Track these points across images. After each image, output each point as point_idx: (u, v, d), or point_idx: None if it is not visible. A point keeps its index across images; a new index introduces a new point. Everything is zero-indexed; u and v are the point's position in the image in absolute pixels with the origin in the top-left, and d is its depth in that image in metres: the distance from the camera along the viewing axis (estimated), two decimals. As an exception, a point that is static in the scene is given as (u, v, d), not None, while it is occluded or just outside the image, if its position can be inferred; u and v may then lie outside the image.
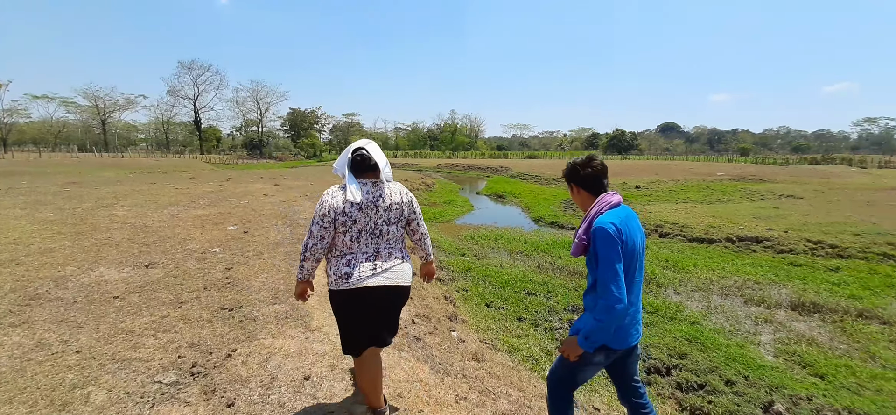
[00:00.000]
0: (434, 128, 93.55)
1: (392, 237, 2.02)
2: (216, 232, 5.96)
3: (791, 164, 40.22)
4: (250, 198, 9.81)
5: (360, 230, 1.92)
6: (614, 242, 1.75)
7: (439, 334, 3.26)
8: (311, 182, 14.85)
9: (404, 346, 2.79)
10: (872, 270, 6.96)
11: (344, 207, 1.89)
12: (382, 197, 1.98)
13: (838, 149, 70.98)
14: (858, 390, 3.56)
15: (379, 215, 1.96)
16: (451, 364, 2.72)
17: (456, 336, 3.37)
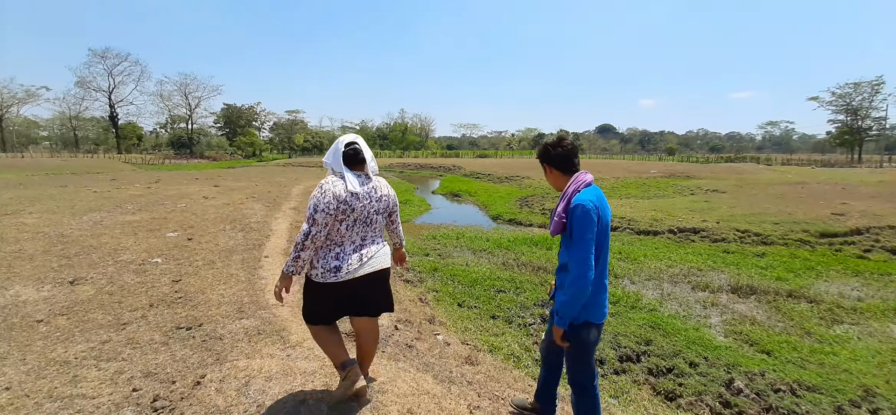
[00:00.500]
0: (384, 127, 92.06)
1: (378, 227, 2.18)
2: (153, 240, 5.29)
3: (710, 162, 44.70)
4: (188, 201, 8.90)
5: (355, 219, 2.03)
6: (592, 219, 1.84)
7: (426, 339, 3.11)
8: (256, 183, 13.84)
9: (399, 355, 2.60)
10: (792, 254, 7.85)
11: (345, 195, 1.99)
12: (375, 189, 2.13)
13: (747, 148, 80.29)
14: (803, 363, 3.94)
15: (372, 205, 2.10)
16: (450, 371, 2.59)
17: (441, 340, 3.24)
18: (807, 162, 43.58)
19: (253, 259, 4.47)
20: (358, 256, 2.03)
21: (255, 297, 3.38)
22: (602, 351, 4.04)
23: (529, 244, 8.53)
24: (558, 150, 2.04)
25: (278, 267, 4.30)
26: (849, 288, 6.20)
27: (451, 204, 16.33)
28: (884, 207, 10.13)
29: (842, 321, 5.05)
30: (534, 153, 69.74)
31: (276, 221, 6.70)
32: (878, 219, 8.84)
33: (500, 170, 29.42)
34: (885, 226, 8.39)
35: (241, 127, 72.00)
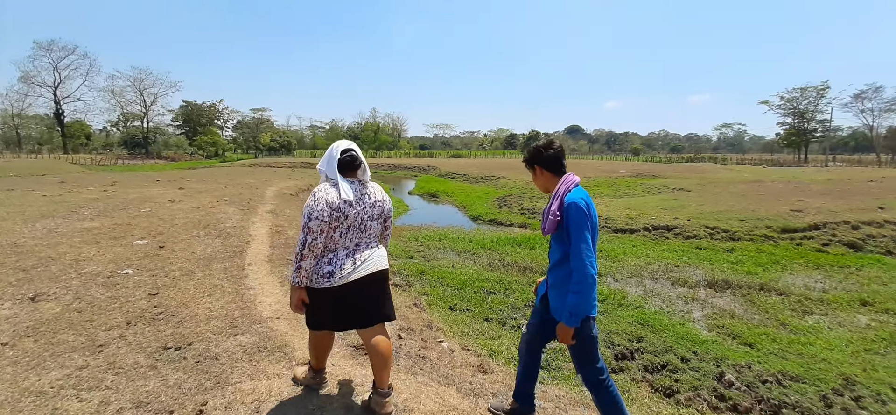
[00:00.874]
0: (355, 126, 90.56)
1: (373, 232, 2.18)
2: (119, 249, 4.88)
3: (673, 162, 46.88)
4: (152, 205, 8.33)
5: (349, 226, 2.05)
6: (586, 216, 1.93)
7: (432, 348, 3.02)
8: (224, 185, 13.18)
9: (415, 368, 2.49)
10: (758, 249, 8.29)
11: (338, 203, 2.00)
12: (368, 194, 2.16)
13: (704, 149, 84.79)
14: (783, 355, 4.13)
15: (365, 211, 2.11)
16: (470, 382, 2.50)
17: (447, 347, 3.14)
18: (758, 161, 46.57)
19: (236, 268, 4.20)
20: (351, 261, 2.05)
21: (247, 309, 3.16)
22: (605, 356, 4.08)
23: (513, 245, 8.57)
24: (550, 151, 2.10)
25: (264, 275, 4.08)
26: (813, 280, 6.60)
27: (430, 205, 16.23)
28: (836, 203, 10.91)
29: (812, 312, 5.35)
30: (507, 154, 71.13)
31: (253, 225, 6.37)
32: (834, 215, 9.49)
33: (475, 170, 29.58)
34: (840, 221, 9.02)
35: (202, 125, 68.73)
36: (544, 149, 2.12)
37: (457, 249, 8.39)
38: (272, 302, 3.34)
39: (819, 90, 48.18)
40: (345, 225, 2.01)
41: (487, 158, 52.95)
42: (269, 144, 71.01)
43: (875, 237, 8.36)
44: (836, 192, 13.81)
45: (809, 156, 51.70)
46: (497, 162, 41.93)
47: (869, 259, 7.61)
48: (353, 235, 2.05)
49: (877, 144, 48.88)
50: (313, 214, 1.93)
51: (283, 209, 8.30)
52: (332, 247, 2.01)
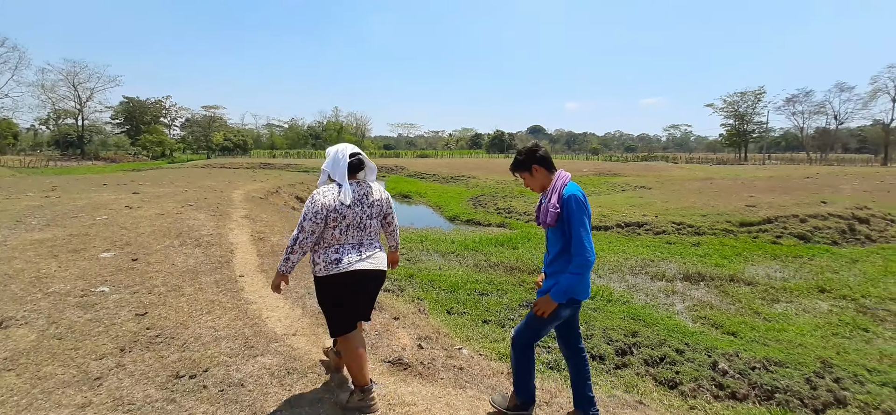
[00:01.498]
0: (316, 125, 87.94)
1: (373, 230, 2.33)
2: (84, 263, 4.40)
3: (629, 161, 49.30)
4: (108, 212, 7.62)
5: (348, 224, 2.19)
6: (584, 206, 2.11)
7: (456, 356, 2.94)
8: (184, 188, 12.31)
9: (463, 381, 2.39)
10: (722, 242, 8.86)
11: (335, 204, 2.14)
12: (367, 195, 2.29)
13: (655, 148, 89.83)
14: (764, 341, 4.42)
15: (364, 211, 2.25)
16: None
17: (467, 354, 3.09)
18: (704, 160, 50.01)
19: (227, 280, 3.90)
20: (357, 252, 2.21)
21: (257, 327, 2.93)
22: (599, 347, 4.18)
23: (495, 245, 8.63)
24: (541, 151, 2.26)
25: (262, 287, 3.83)
26: (773, 271, 7.14)
27: (404, 206, 16.04)
28: (783, 198, 11.90)
29: (779, 300, 5.79)
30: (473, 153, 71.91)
31: (232, 233, 5.98)
32: (783, 209, 10.34)
33: (444, 170, 29.60)
34: (789, 215, 9.84)
35: (145, 124, 64.05)
36: (537, 149, 2.26)
37: (440, 250, 8.33)
38: (281, 317, 3.13)
39: (756, 95, 52.71)
40: (344, 224, 2.16)
41: (455, 158, 53.18)
42: (223, 144, 67.38)
43: (821, 229, 9.19)
44: (780, 188, 15.07)
45: (748, 155, 56.32)
46: (465, 162, 42.20)
47: (818, 249, 8.36)
48: (354, 232, 2.21)
49: (806, 143, 54.03)
50: (307, 215, 2.11)
51: (259, 214, 7.87)
52: (334, 243, 2.17)
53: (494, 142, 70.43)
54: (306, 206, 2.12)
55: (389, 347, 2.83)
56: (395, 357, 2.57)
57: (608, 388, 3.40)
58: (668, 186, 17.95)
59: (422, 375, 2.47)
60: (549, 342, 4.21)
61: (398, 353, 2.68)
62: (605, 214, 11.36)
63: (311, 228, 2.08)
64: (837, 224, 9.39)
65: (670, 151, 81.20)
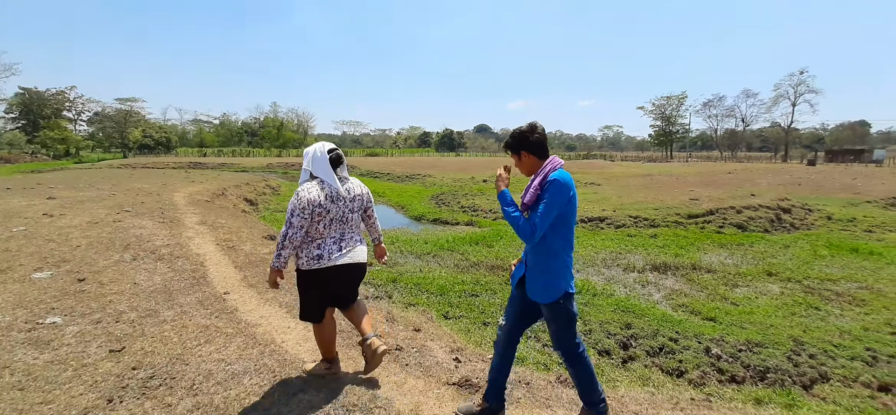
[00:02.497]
0: (251, 121, 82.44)
1: (354, 224, 2.46)
2: (15, 286, 3.58)
3: (572, 159, 51.95)
4: (23, 221, 6.38)
5: (332, 219, 2.31)
6: (564, 193, 2.01)
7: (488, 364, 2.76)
8: (111, 191, 10.75)
9: (537, 399, 2.18)
10: (675, 234, 9.53)
11: (320, 199, 2.25)
12: (349, 190, 2.43)
13: (591, 147, 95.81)
14: (740, 324, 4.75)
15: (346, 205, 2.38)
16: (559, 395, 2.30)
17: None
18: (636, 158, 54.20)
19: (212, 299, 3.35)
20: (338, 247, 2.33)
21: (279, 354, 2.49)
22: (602, 342, 4.22)
23: (470, 243, 8.56)
24: (535, 135, 2.13)
25: (258, 305, 3.35)
26: (724, 258, 7.79)
27: (363, 206, 15.44)
28: (718, 192, 13.13)
29: (738, 285, 6.30)
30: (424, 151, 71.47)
31: (193, 242, 5.25)
32: (721, 202, 11.40)
33: (398, 168, 29.10)
34: (727, 207, 10.85)
35: (45, 118, 55.91)
36: (530, 133, 2.13)
37: (414, 252, 8.08)
38: (298, 339, 2.72)
39: (679, 99, 58.43)
40: (328, 218, 2.28)
41: (406, 157, 52.58)
42: (142, 141, 60.80)
43: (755, 219, 10.25)
44: (711, 182, 16.66)
45: (674, 153, 62.12)
46: (417, 160, 41.84)
47: (755, 237, 9.29)
48: (337, 226, 2.33)
49: (719, 142, 60.78)
50: (295, 211, 2.20)
51: (215, 219, 7.05)
52: (317, 237, 2.28)
53: (444, 140, 70.73)
54: (292, 203, 2.21)
55: (438, 365, 2.58)
56: (460, 379, 2.33)
57: (627, 383, 3.42)
58: (615, 182, 19.11)
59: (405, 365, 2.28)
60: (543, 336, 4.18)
61: (452, 371, 2.45)
62: (567, 210, 11.78)
63: (300, 223, 2.18)
64: (767, 214, 10.52)
65: (605, 150, 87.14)
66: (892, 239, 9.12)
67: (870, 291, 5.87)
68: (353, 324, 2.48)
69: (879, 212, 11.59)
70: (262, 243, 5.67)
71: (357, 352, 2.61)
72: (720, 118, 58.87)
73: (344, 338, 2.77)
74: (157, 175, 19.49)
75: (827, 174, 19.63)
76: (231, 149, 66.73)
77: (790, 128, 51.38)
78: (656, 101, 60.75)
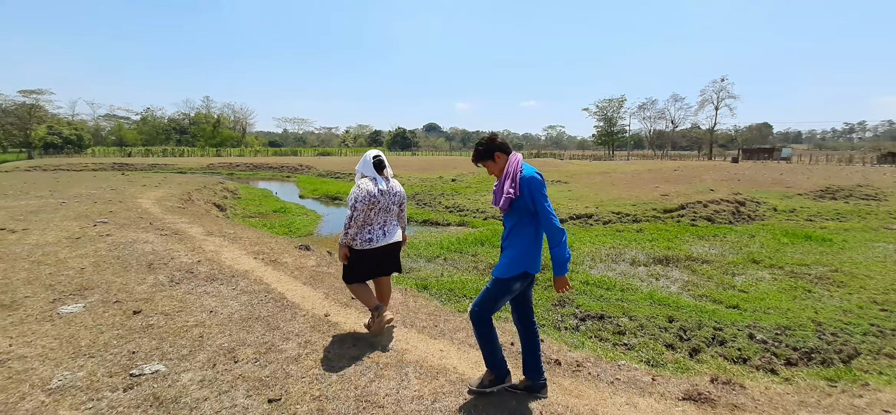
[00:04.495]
0: (180, 117, 75.48)
1: (394, 214, 3.19)
2: (48, 327, 2.83)
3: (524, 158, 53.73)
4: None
5: (380, 208, 3.02)
6: (543, 185, 2.32)
7: (623, 369, 2.74)
8: (53, 196, 9.19)
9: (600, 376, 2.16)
10: (657, 228, 10.22)
11: (375, 191, 2.97)
12: (392, 187, 3.16)
13: (536, 146, 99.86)
14: (764, 310, 5.20)
15: (390, 199, 3.11)
16: (642, 381, 2.32)
17: (574, 358, 2.96)
18: (582, 156, 57.41)
19: (323, 322, 2.97)
20: (382, 231, 3.06)
21: (464, 381, 2.28)
22: (660, 335, 4.39)
23: (476, 244, 8.53)
24: (500, 139, 2.43)
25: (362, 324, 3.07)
26: (708, 248, 8.49)
27: (341, 209, 14.74)
28: (680, 187, 14.30)
29: (735, 274, 6.87)
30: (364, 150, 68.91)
31: (224, 257, 4.60)
32: (688, 197, 12.43)
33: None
34: (694, 202, 11.85)
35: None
36: (494, 139, 2.42)
37: (422, 255, 7.90)
38: (473, 360, 2.50)
39: (619, 102, 63.07)
40: (377, 207, 2.98)
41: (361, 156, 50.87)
42: (48, 139, 53.25)
43: (720, 212, 11.30)
44: (665, 179, 18.09)
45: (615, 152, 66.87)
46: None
47: (724, 229, 10.22)
48: (382, 215, 3.04)
49: (650, 142, 66.41)
50: (359, 199, 2.89)
51: (220, 228, 6.30)
52: (368, 223, 2.98)
53: (396, 139, 69.69)
54: (354, 193, 2.92)
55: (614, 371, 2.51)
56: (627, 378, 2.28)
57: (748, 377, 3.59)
58: (580, 180, 20.06)
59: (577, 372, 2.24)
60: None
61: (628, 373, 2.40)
62: (554, 206, 12.16)
63: (362, 207, 2.87)
64: (728, 207, 11.66)
65: (549, 148, 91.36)
66: (832, 227, 10.54)
67: (842, 274, 6.69)
68: (379, 291, 3.22)
69: (811, 203, 13.34)
70: (301, 255, 5.21)
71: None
72: (653, 120, 64.49)
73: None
74: (89, 179, 17.13)
75: (755, 170, 22.19)
76: (160, 148, 60.50)
77: (714, 129, 57.67)
78: (599, 104, 65.21)
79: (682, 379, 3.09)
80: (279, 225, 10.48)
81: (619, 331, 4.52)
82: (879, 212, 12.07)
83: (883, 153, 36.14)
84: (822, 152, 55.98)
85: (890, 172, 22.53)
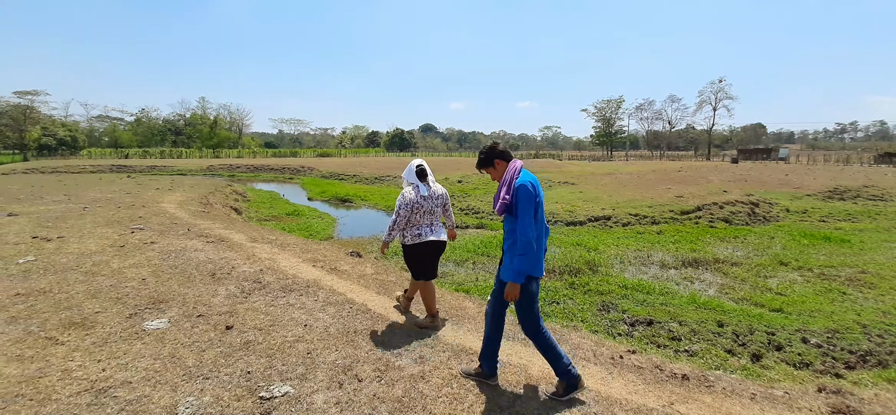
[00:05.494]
0: (175, 118, 74.77)
1: (437, 216, 3.59)
2: (138, 346, 2.69)
3: (525, 158, 53.69)
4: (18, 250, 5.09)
5: (424, 211, 3.43)
6: (531, 195, 2.42)
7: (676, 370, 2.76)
8: (70, 201, 9.03)
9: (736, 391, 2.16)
10: (677, 230, 10.26)
11: (417, 198, 3.39)
12: (434, 192, 3.56)
13: (533, 146, 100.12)
14: (807, 313, 5.24)
15: (433, 202, 3.51)
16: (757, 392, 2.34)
17: (640, 361, 2.97)
18: (581, 157, 57.67)
19: (436, 339, 2.99)
20: (429, 229, 3.46)
21: (609, 398, 2.36)
22: (717, 341, 4.41)
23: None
24: (500, 147, 2.63)
25: (470, 338, 3.06)
26: (733, 251, 8.54)
27: (353, 212, 14.68)
28: (692, 189, 14.40)
29: (766, 276, 6.92)
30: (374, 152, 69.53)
31: (281, 265, 4.52)
32: (702, 199, 12.53)
33: (362, 170, 28.08)
34: (710, 203, 11.95)
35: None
36: (495, 147, 2.63)
37: (452, 259, 7.88)
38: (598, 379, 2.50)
39: (617, 103, 63.51)
40: (422, 211, 3.40)
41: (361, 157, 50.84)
42: (43, 141, 52.55)
43: (736, 214, 11.40)
44: (672, 180, 18.21)
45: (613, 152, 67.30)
46: (375, 161, 40.61)
47: (743, 231, 10.31)
48: (427, 217, 3.45)
49: (647, 142, 66.89)
50: (402, 204, 3.36)
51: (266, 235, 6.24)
52: (416, 224, 3.41)
53: (394, 140, 69.43)
54: (399, 201, 3.38)
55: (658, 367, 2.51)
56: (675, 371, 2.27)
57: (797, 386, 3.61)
58: (587, 181, 20.14)
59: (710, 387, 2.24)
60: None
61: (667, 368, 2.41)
62: (570, 209, 12.20)
63: (405, 215, 3.33)
64: (743, 209, 11.77)
65: (545, 149, 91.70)
66: (847, 228, 10.67)
67: (871, 276, 6.77)
68: (425, 296, 3.53)
69: (821, 204, 13.51)
70: (356, 262, 5.20)
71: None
72: (650, 120, 65.04)
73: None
74: (96, 182, 16.90)
75: (759, 171, 22.42)
76: (158, 149, 59.81)
77: (712, 130, 58.31)
78: (598, 104, 65.68)
79: (804, 389, 3.06)
80: (297, 228, 10.40)
81: (674, 337, 4.54)
82: (888, 212, 12.25)
83: (880, 153, 36.75)
84: (819, 152, 56.86)
85: (892, 172, 22.89)
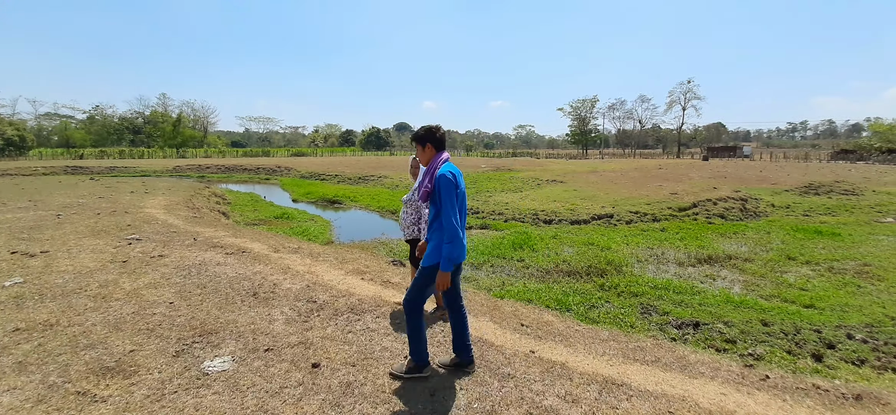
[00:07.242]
0: (133, 116, 70.57)
1: None
2: (212, 399, 2.26)
3: (503, 156, 54.06)
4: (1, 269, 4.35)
5: None
6: (452, 185, 2.50)
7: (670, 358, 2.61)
8: (38, 207, 8.02)
9: None
10: (678, 227, 10.40)
11: None
12: None
13: (507, 145, 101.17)
14: (840, 309, 5.30)
15: None
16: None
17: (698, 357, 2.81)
18: (558, 155, 58.70)
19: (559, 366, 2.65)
20: None
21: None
22: (777, 342, 4.33)
23: (513, 248, 8.31)
24: (440, 134, 2.69)
25: (583, 358, 2.71)
26: (739, 246, 8.68)
27: (345, 213, 14.07)
28: (682, 185, 14.73)
29: (781, 271, 7.03)
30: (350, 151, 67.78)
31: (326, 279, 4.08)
32: (696, 195, 12.81)
33: (345, 169, 27.23)
34: (705, 199, 12.22)
35: None
36: (436, 131, 2.68)
37: (468, 262, 7.58)
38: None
39: (591, 103, 65.17)
40: None
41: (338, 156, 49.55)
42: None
43: (730, 210, 11.71)
44: (657, 177, 18.64)
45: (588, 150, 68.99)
46: (355, 160, 39.63)
47: (740, 226, 10.57)
48: None
49: (618, 140, 69.05)
50: None
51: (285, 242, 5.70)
52: None
53: (370, 139, 68.11)
54: None
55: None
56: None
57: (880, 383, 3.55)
58: (575, 179, 20.31)
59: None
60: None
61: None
62: (571, 207, 12.16)
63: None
64: (735, 205, 12.12)
65: (519, 147, 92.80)
66: (831, 221, 11.16)
67: (875, 268, 6.99)
68: None
69: (799, 199, 14.14)
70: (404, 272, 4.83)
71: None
72: (621, 119, 67.18)
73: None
74: (57, 185, 15.41)
75: (733, 167, 23.39)
76: (116, 149, 56.05)
77: (681, 128, 60.89)
78: (573, 104, 67.21)
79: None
80: (292, 232, 9.80)
81: (728, 339, 4.43)
82: (862, 206, 12.94)
83: (836, 151, 39.37)
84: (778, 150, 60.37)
85: (854, 168, 24.46)
